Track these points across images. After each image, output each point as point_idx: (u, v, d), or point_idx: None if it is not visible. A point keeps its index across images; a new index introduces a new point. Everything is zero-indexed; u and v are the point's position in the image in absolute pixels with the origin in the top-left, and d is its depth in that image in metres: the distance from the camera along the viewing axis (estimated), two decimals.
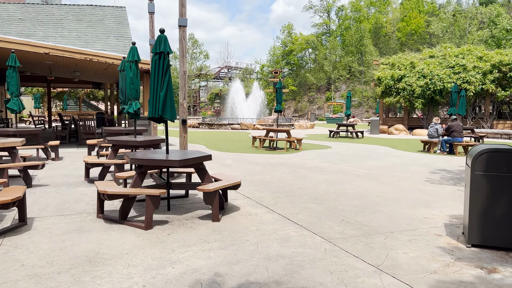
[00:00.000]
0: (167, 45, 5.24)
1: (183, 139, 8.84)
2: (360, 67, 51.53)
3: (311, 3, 69.26)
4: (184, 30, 8.65)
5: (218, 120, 31.82)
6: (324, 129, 30.18)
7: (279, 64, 66.16)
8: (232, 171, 8.91)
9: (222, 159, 10.92)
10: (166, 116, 5.23)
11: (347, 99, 22.61)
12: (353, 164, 10.63)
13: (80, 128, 13.62)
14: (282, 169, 9.44)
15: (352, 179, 8.26)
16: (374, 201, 6.37)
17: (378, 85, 26.32)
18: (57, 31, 19.80)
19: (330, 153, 13.27)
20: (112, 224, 4.87)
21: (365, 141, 19.02)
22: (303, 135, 23.03)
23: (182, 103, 8.78)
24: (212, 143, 16.07)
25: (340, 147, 15.55)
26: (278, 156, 12.09)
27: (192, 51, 57.83)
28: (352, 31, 54.96)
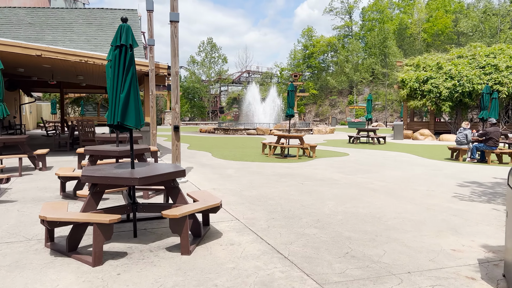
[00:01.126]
0: (129, 37, 4.30)
1: (175, 148, 7.91)
2: (383, 69, 49.76)
3: (332, 5, 67.66)
4: (176, 25, 7.75)
5: (233, 125, 30.93)
6: (344, 134, 28.86)
7: (300, 68, 64.98)
8: (230, 184, 7.91)
9: (224, 169, 9.94)
10: (128, 123, 4.29)
11: (367, 103, 21.30)
12: (369, 175, 9.45)
13: (80, 135, 12.94)
14: (288, 181, 8.37)
15: (366, 194, 7.11)
16: (390, 224, 5.23)
17: (402, 88, 24.85)
18: (66, 35, 19.38)
19: (346, 161, 12.10)
20: (57, 257, 3.94)
21: (386, 147, 17.69)
22: (321, 140, 21.84)
23: (174, 107, 7.86)
24: (220, 150, 15.14)
25: (358, 154, 14.33)
26: (287, 165, 11.02)
27: (211, 55, 57.34)
28: (375, 33, 53.23)
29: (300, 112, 54.77)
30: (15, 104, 24.64)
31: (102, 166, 4.54)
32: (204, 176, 8.82)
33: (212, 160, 11.73)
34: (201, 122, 49.05)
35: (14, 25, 19.25)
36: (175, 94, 7.82)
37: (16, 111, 24.74)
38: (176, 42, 7.71)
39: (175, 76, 7.78)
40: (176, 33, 7.66)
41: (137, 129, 4.42)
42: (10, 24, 19.22)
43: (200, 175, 8.89)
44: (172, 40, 7.71)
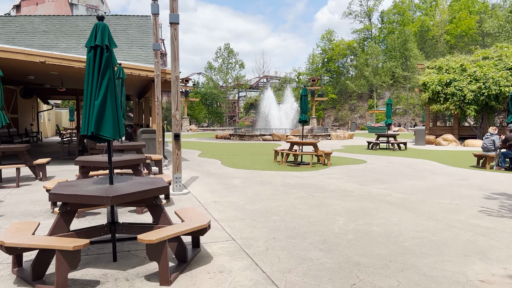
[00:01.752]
0: (106, 37, 3.83)
1: (176, 157, 7.43)
2: (404, 72, 48.48)
3: (350, 9, 66.72)
4: (176, 28, 7.29)
5: (249, 131, 30.44)
6: (363, 139, 27.96)
7: (319, 72, 64.17)
8: (234, 196, 7.36)
9: (231, 178, 9.40)
10: (104, 134, 3.80)
11: (387, 107, 20.45)
12: (387, 185, 8.75)
13: (88, 142, 12.65)
14: (297, 192, 7.76)
15: (382, 209, 6.45)
16: (407, 246, 4.58)
17: (424, 91, 23.85)
18: (80, 42, 19.31)
19: (363, 169, 11.39)
20: (20, 286, 3.47)
21: (407, 153, 16.82)
22: (339, 146, 21.09)
23: (174, 114, 7.39)
24: (231, 157, 14.63)
25: (376, 161, 13.58)
26: (299, 174, 10.40)
27: (228, 61, 57.17)
28: (395, 35, 52.03)
29: (318, 117, 53.93)
30: (32, 112, 24.82)
31: (78, 182, 4.06)
32: (208, 186, 8.31)
33: (221, 168, 11.22)
34: (218, 128, 48.81)
35: (29, 33, 19.32)
36: (175, 100, 7.35)
37: (33, 118, 24.91)
38: (176, 45, 7.25)
39: (175, 81, 7.31)
40: (176, 35, 7.21)
41: (116, 140, 3.93)
42: (25, 33, 19.29)
43: (204, 186, 8.38)
44: (172, 43, 7.25)
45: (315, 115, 47.08)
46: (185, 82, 46.12)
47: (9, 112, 19.17)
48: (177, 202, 6.81)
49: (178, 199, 7.06)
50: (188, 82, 46.72)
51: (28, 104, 23.42)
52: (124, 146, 8.83)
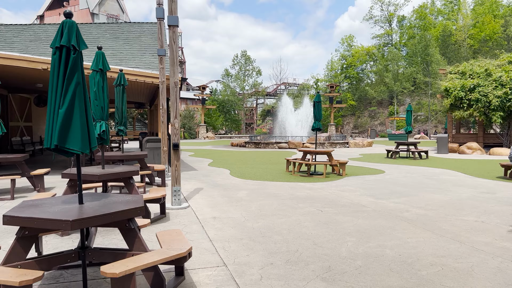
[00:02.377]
0: (73, 36, 3.37)
1: (174, 169, 6.94)
2: (425, 78, 47.16)
3: (371, 13, 65.68)
4: (175, 30, 6.85)
5: (265, 138, 29.90)
6: (383, 147, 27.04)
7: (337, 78, 63.26)
8: (236, 211, 6.81)
9: (237, 190, 8.86)
10: (70, 147, 3.32)
11: (407, 114, 19.60)
12: (405, 199, 8.05)
13: (94, 151, 12.34)
14: (305, 207, 7.16)
15: (398, 227, 5.79)
16: (425, 276, 3.94)
17: (446, 97, 22.84)
18: (93, 50, 19.23)
19: (380, 181, 10.68)
20: None
21: (429, 163, 15.95)
22: (356, 155, 20.32)
23: (173, 123, 6.92)
24: (242, 166, 14.11)
25: (395, 171, 12.82)
26: (311, 185, 9.78)
27: (245, 68, 56.92)
28: (416, 40, 50.80)
29: (337, 124, 53.00)
30: None
31: (44, 201, 3.59)
32: (211, 200, 7.79)
33: (228, 179, 10.70)
34: (235, 136, 48.47)
35: (43, 42, 19.37)
36: (174, 108, 6.88)
37: None
38: (175, 49, 6.80)
39: (174, 87, 6.86)
40: (175, 39, 6.77)
41: (84, 153, 3.45)
42: (39, 41, 19.35)
43: (206, 199, 7.86)
44: (170, 47, 6.81)
45: (334, 122, 46.23)
46: (202, 89, 46.04)
47: (22, 120, 19.19)
48: (173, 217, 6.31)
49: (176, 214, 6.56)
50: (205, 90, 46.58)
51: (44, 113, 23.50)
52: (124, 156, 8.42)
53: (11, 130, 17.48)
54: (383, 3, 63.89)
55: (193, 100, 60.35)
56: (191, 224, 5.87)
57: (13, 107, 17.95)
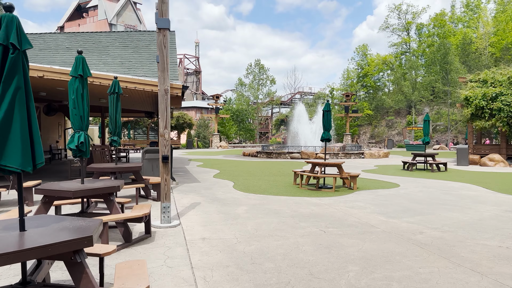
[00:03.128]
0: (12, 33, 2.86)
1: (164, 184, 6.39)
2: (444, 87, 45.86)
3: (387, 22, 64.66)
4: (165, 34, 6.36)
5: (278, 148, 29.26)
6: (400, 158, 26.06)
7: (354, 87, 62.30)
8: (230, 230, 6.20)
9: (236, 206, 8.25)
10: (6, 163, 2.79)
11: (424, 124, 18.73)
12: (420, 217, 7.30)
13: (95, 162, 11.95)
14: (307, 227, 6.50)
15: (409, 254, 5.08)
16: None
17: (466, 106, 21.84)
18: (101, 59, 19.06)
19: (393, 196, 9.92)
20: None
21: (447, 176, 15.05)
22: (371, 166, 19.49)
23: (162, 133, 6.39)
24: (248, 178, 13.50)
25: (410, 185, 12.02)
26: (317, 200, 9.10)
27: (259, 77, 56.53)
28: (434, 48, 49.60)
29: (353, 134, 51.99)
30: (59, 129, 24.88)
31: None
32: (206, 216, 7.20)
33: (230, 192, 10.10)
34: (249, 145, 47.97)
35: (52, 50, 19.29)
36: (164, 118, 6.36)
37: (59, 135, 24.97)
38: (165, 54, 6.31)
39: (163, 95, 6.34)
40: (166, 43, 6.27)
41: (26, 171, 2.91)
42: (48, 50, 19.29)
43: (201, 215, 7.28)
44: (160, 52, 6.32)
45: (349, 131, 45.29)
46: (216, 98, 45.78)
47: None
48: (159, 237, 5.74)
49: (163, 233, 6.00)
50: (219, 99, 46.32)
51: (54, 121, 23.45)
52: (117, 168, 7.93)
53: None
54: (400, 12, 62.90)
55: (207, 109, 60.24)
56: (176, 246, 5.29)
57: None
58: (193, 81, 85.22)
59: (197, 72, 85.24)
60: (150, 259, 4.72)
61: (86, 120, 5.41)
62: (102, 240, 4.79)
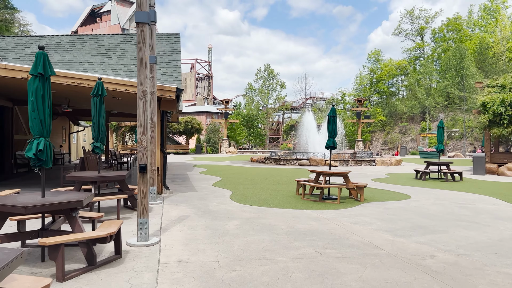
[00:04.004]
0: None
1: (141, 197, 5.71)
2: (460, 92, 44.54)
3: (400, 28, 63.48)
4: (144, 29, 5.72)
5: (287, 154, 28.48)
6: (413, 166, 25.04)
7: (367, 93, 61.20)
8: (214, 250, 5.48)
9: (228, 220, 7.52)
10: None
11: (438, 131, 17.80)
12: (431, 236, 6.49)
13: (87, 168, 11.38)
14: (302, 247, 5.75)
15: (416, 285, 4.30)
16: None
17: (483, 112, 20.79)
18: (103, 61, 18.63)
19: (403, 209, 9.09)
20: None
21: (463, 186, 14.11)
22: (382, 174, 18.60)
23: (140, 140, 5.73)
24: (249, 187, 12.78)
25: (422, 197, 11.15)
26: (318, 214, 8.32)
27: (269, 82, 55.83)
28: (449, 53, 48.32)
29: (365, 140, 50.86)
30: (63, 133, 24.55)
31: None
32: (191, 233, 6.49)
33: (224, 204, 9.38)
34: (258, 151, 47.25)
35: (54, 53, 18.92)
36: (142, 123, 5.69)
37: (64, 140, 24.63)
38: (144, 52, 5.66)
39: (141, 97, 5.69)
40: (144, 38, 5.63)
41: None
42: (50, 52, 18.90)
43: (186, 231, 6.57)
44: (138, 49, 5.68)
45: (361, 138, 44.26)
46: (225, 103, 45.25)
47: (29, 133, 18.68)
48: (130, 259, 5.05)
49: (137, 253, 5.31)
50: (228, 104, 45.77)
51: (58, 125, 23.11)
52: (99, 178, 7.30)
53: (16, 144, 16.92)
54: (413, 16, 61.70)
55: (218, 114, 59.79)
56: (145, 271, 4.60)
57: (19, 120, 17.45)
58: (205, 86, 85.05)
59: (208, 77, 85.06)
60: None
61: (47, 125, 4.77)
62: (57, 265, 4.12)
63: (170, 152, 40.43)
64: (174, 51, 19.74)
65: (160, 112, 10.34)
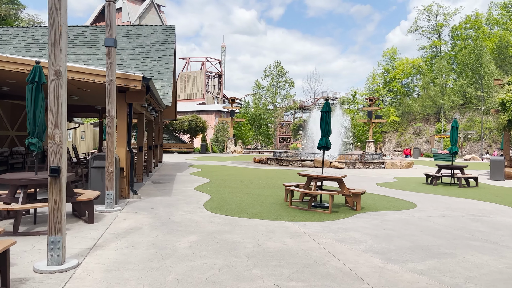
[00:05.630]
0: None
1: (52, 209, 4.45)
2: (477, 92, 42.40)
3: (416, 24, 61.32)
4: None
5: (289, 155, 27.07)
6: (425, 169, 23.38)
7: (380, 92, 59.27)
8: (139, 283, 4.18)
9: (186, 234, 6.21)
10: None
11: (452, 131, 16.21)
12: (433, 262, 5.08)
13: None
14: (259, 278, 4.40)
15: None
16: None
17: (502, 112, 19.06)
18: (91, 54, 17.55)
19: (405, 222, 7.65)
20: None
21: (479, 193, 12.54)
22: (390, 178, 17.07)
23: (51, 135, 4.46)
24: (233, 192, 11.46)
25: (430, 206, 9.67)
26: (299, 227, 6.95)
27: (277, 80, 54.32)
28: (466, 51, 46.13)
29: (376, 141, 49.02)
30: None
31: None
32: (127, 253, 5.20)
33: (193, 212, 8.06)
34: (265, 150, 45.87)
35: (39, 44, 17.93)
36: (54, 112, 4.43)
37: None
38: (57, 20, 4.39)
39: (54, 79, 4.42)
40: (57, 3, 4.37)
41: None
42: (35, 44, 17.94)
43: (121, 251, 5.28)
44: (50, 17, 4.41)
45: (372, 138, 42.52)
46: (232, 101, 43.99)
47: (14, 129, 17.70)
48: None
49: (35, 285, 4.04)
50: (235, 102, 44.48)
51: None
52: (30, 181, 6.08)
53: None
54: (431, 13, 59.51)
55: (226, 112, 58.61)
56: None
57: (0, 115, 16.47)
58: (215, 85, 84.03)
59: (218, 75, 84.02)
60: None
61: None
62: None
63: (174, 151, 39.36)
64: (168, 44, 18.55)
65: (127, 105, 9.09)
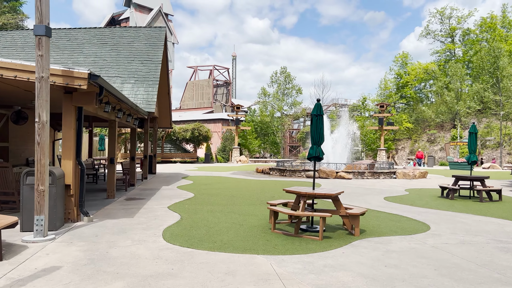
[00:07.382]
0: None
1: None
2: (495, 96, 40.16)
3: (428, 29, 59.31)
4: None
5: (295, 165, 25.40)
6: (440, 180, 21.44)
7: (392, 98, 57.22)
8: None
9: (112, 279, 4.63)
10: None
11: (470, 137, 14.39)
12: None
13: None
14: None
15: None
16: None
17: None
18: (72, 57, 16.27)
19: (413, 254, 5.94)
20: None
21: (503, 209, 10.72)
22: (401, 191, 15.27)
23: None
24: (212, 210, 9.86)
25: (446, 228, 7.93)
26: (273, 265, 5.31)
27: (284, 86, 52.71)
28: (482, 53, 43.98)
29: (388, 149, 46.94)
30: None
31: None
32: None
33: (143, 242, 6.45)
34: (272, 160, 44.21)
35: (18, 48, 16.71)
36: None
37: None
38: None
39: None
40: None
41: None
42: (13, 47, 16.76)
43: None
44: None
45: (384, 146, 40.54)
46: (236, 109, 42.55)
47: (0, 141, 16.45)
48: None
49: None
50: (240, 110, 43.03)
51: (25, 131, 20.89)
52: None
53: None
54: (443, 16, 57.49)
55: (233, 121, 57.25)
56: None
57: None
58: (223, 93, 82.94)
59: (227, 83, 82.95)
60: None
61: None
62: None
63: (176, 161, 38.02)
64: (156, 46, 17.19)
65: (75, 108, 7.61)
